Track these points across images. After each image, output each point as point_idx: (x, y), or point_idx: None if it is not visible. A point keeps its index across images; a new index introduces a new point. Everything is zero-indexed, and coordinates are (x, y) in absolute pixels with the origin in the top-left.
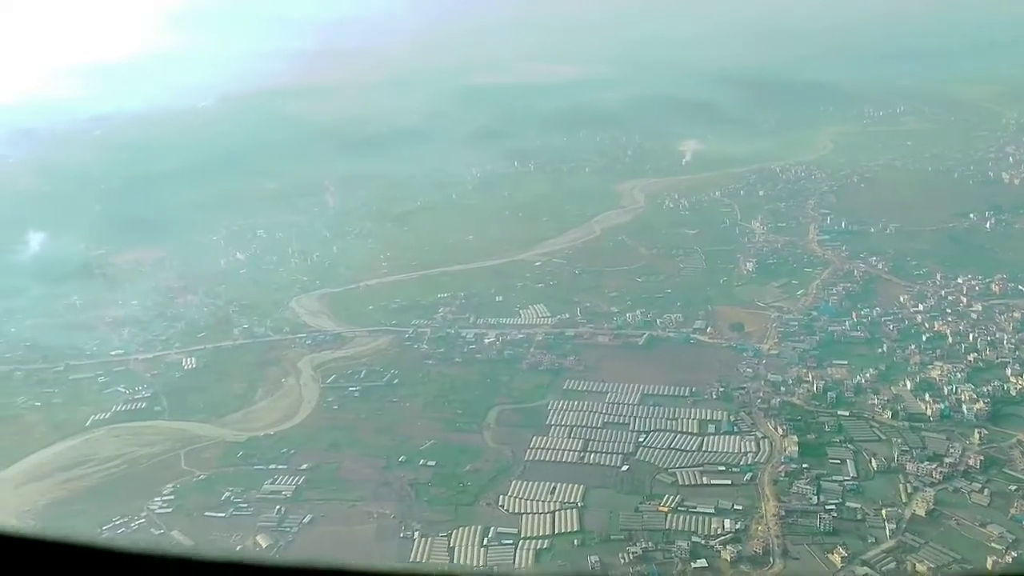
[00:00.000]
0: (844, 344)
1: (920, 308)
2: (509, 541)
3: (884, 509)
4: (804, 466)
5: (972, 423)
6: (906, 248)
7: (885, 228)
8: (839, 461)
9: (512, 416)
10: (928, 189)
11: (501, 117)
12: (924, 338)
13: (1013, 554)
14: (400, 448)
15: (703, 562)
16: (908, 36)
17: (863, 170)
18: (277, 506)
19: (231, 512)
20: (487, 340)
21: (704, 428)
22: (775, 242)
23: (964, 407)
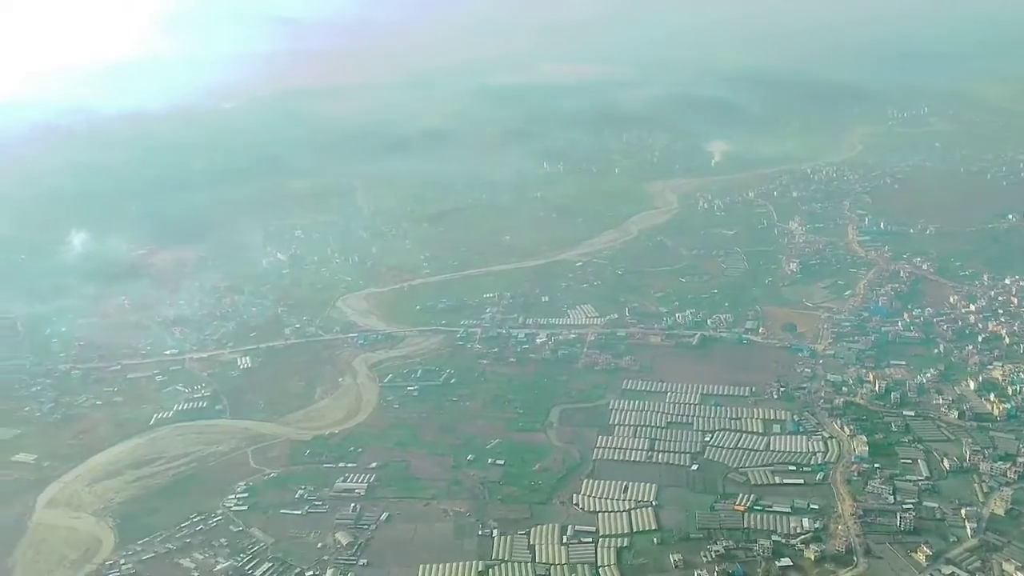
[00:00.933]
0: (899, 344)
1: (972, 308)
2: (588, 539)
3: (963, 508)
4: (876, 466)
5: None
6: (949, 249)
7: (924, 229)
8: (910, 461)
9: (574, 415)
10: (962, 190)
11: (526, 117)
12: (980, 339)
13: None
14: (466, 447)
15: (787, 561)
16: (926, 36)
17: (895, 171)
18: (352, 504)
19: (307, 509)
20: (539, 340)
21: (769, 428)
22: (816, 243)
23: None
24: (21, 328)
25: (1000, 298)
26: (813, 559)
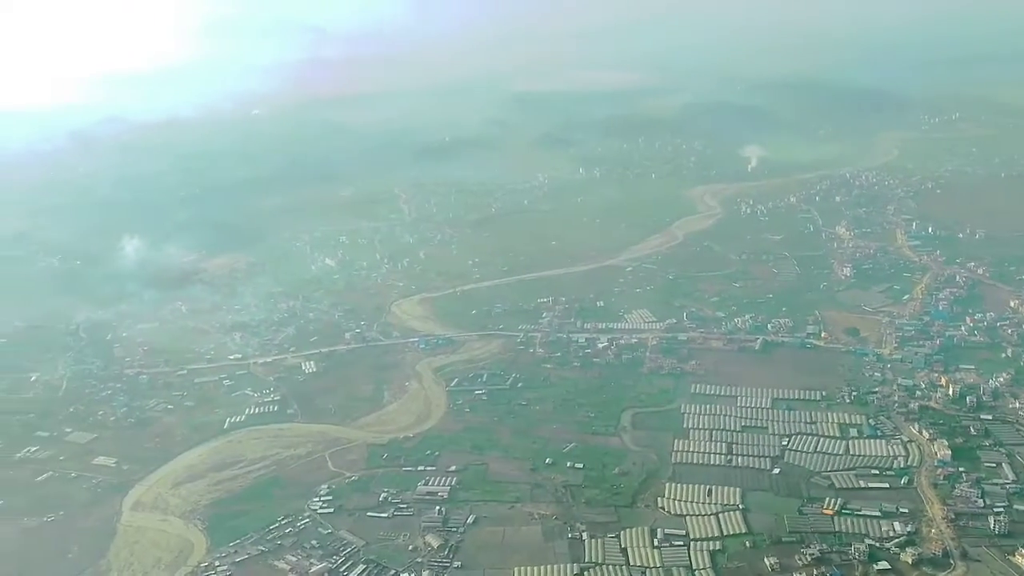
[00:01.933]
0: (965, 349)
1: None
2: (680, 542)
3: None
4: (960, 470)
5: None
6: (1002, 253)
7: (974, 234)
8: (994, 464)
9: (646, 419)
10: (1006, 194)
11: (559, 124)
12: None
13: None
14: (543, 450)
15: (884, 564)
16: (949, 41)
17: (935, 176)
18: (436, 506)
19: (392, 512)
20: (600, 344)
21: (846, 432)
22: (865, 248)
23: None
24: (83, 335)
25: None
26: (911, 562)
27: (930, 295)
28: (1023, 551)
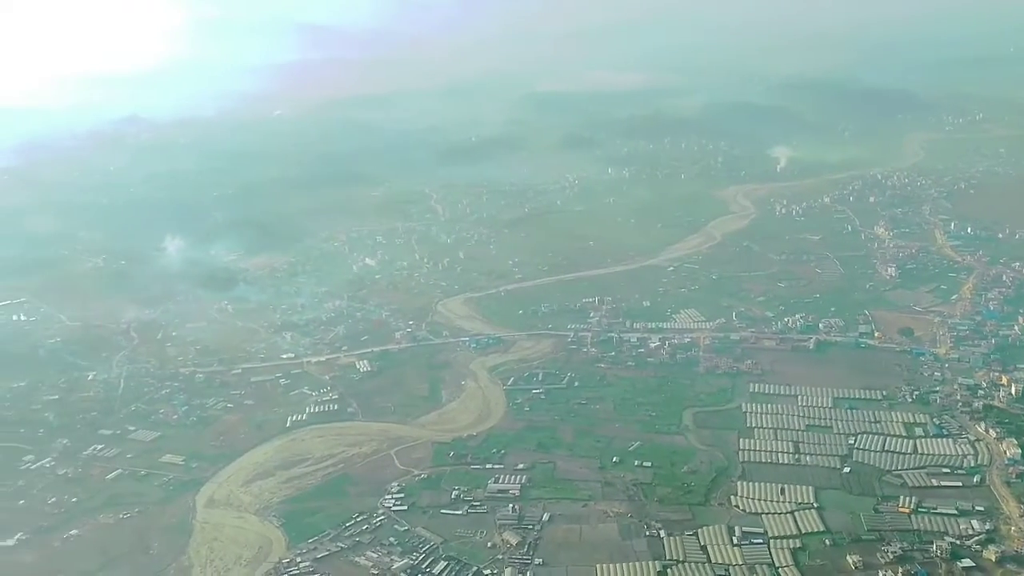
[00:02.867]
0: (1020, 348)
1: None
2: (759, 540)
3: None
4: None
5: None
6: None
7: (1014, 233)
8: None
9: (708, 418)
10: None
11: (583, 125)
12: None
13: None
14: (608, 449)
15: (968, 562)
16: (965, 41)
17: (967, 176)
18: (510, 504)
19: (467, 510)
20: (652, 344)
21: (911, 431)
22: (907, 248)
23: None
24: (134, 334)
25: None
26: (994, 560)
27: (978, 295)
28: None
